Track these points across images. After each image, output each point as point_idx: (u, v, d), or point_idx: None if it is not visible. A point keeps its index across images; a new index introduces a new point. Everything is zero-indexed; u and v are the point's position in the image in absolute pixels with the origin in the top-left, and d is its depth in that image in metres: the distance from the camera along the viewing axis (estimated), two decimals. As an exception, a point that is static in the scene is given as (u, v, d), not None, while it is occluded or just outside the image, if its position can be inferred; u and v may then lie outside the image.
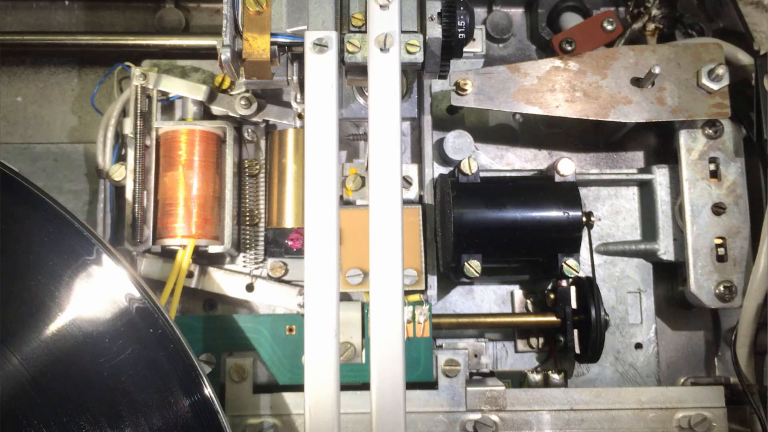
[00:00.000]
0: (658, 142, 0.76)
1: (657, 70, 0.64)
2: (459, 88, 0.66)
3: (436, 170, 0.71)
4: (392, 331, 0.52)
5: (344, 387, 0.56)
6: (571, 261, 0.65)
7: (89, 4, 0.78)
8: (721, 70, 0.65)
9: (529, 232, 0.65)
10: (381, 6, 0.55)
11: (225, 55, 0.54)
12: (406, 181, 0.69)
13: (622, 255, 0.73)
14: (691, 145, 0.68)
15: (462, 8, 0.57)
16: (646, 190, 0.72)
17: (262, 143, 0.71)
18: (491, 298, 0.73)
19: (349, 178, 0.69)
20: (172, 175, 0.66)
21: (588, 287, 0.66)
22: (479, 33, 0.75)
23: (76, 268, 0.51)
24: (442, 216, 0.67)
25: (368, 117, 0.55)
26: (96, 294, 0.51)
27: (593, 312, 0.64)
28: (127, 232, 0.66)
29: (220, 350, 0.66)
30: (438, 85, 0.74)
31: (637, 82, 0.67)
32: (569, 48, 0.72)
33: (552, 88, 0.67)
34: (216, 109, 0.70)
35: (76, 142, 0.74)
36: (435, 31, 0.56)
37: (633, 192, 0.74)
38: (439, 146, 0.72)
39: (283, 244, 0.67)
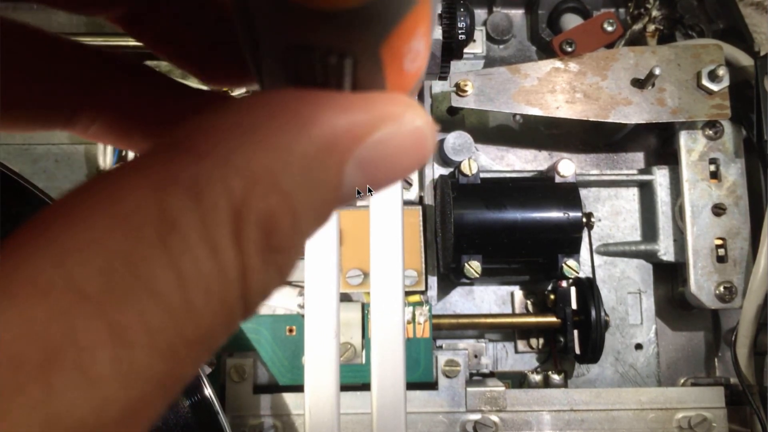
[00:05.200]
0: (658, 143, 0.76)
1: (657, 72, 0.64)
2: (459, 89, 0.67)
3: (436, 171, 0.71)
4: (393, 331, 0.52)
5: (344, 387, 0.57)
6: (571, 262, 0.65)
7: (90, 5, 0.78)
8: (722, 71, 0.65)
9: (530, 233, 0.65)
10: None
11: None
12: (407, 182, 0.69)
13: (623, 256, 0.73)
14: (691, 146, 0.68)
15: (462, 9, 0.57)
16: (647, 191, 0.72)
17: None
18: (491, 298, 0.73)
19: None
20: (173, 176, 0.66)
21: (588, 288, 0.66)
22: (479, 34, 0.75)
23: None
24: (442, 217, 0.67)
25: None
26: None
27: (593, 313, 0.64)
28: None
29: (220, 351, 0.66)
30: (438, 86, 0.74)
31: (637, 83, 0.67)
32: (569, 49, 0.72)
33: (552, 89, 0.67)
34: (216, 110, 0.70)
35: (77, 143, 0.74)
36: (435, 32, 0.57)
37: (633, 193, 0.74)
38: (439, 147, 0.72)
39: (283, 245, 0.67)
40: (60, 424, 0.11)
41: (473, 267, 0.64)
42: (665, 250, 0.70)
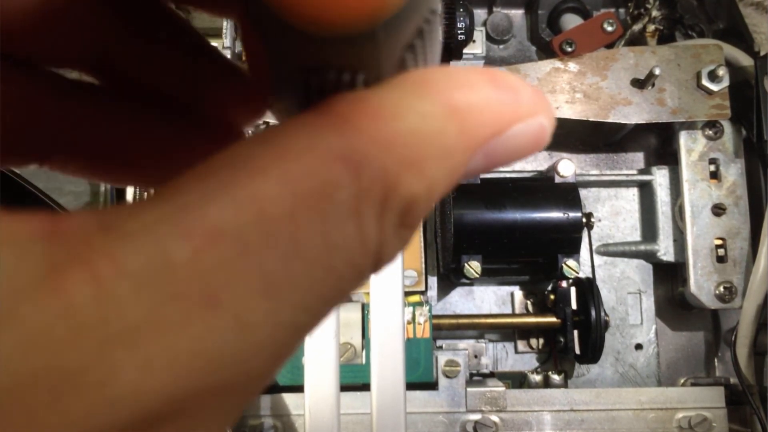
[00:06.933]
0: (658, 143, 0.76)
1: (657, 72, 0.64)
2: (459, 90, 0.66)
3: (436, 171, 0.71)
4: (392, 331, 0.52)
5: (344, 388, 0.57)
6: (571, 262, 0.65)
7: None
8: (721, 72, 0.65)
9: (529, 233, 0.65)
10: (381, 7, 0.55)
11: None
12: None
13: (622, 256, 0.73)
14: (691, 146, 0.68)
15: (461, 10, 0.57)
16: (646, 191, 0.72)
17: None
18: (491, 298, 0.73)
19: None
20: (173, 176, 0.67)
21: (588, 288, 0.66)
22: (479, 34, 0.75)
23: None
24: (442, 217, 0.67)
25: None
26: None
27: (593, 313, 0.64)
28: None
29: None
30: (438, 86, 0.74)
31: (637, 83, 0.67)
32: (569, 49, 0.72)
33: (552, 89, 0.67)
34: (216, 111, 0.70)
35: (77, 144, 0.74)
36: (435, 32, 0.57)
37: (633, 193, 0.74)
38: (439, 147, 0.71)
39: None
40: (215, 360, 0.12)
41: (473, 267, 0.64)
42: (665, 250, 0.70)
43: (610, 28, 0.73)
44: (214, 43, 0.72)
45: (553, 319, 0.68)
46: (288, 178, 0.13)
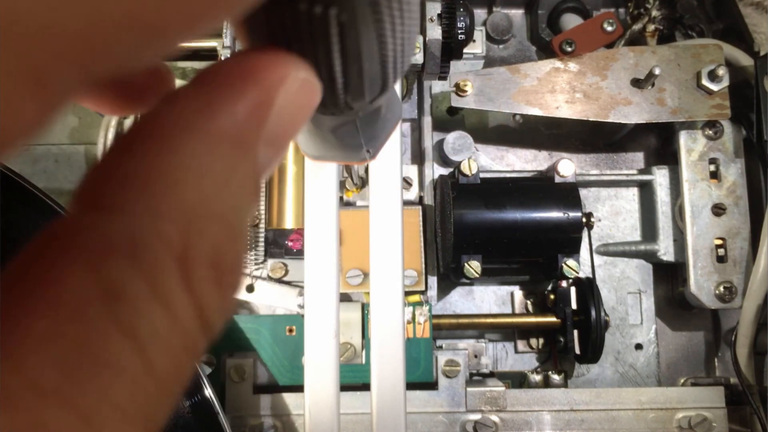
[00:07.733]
0: (658, 143, 0.76)
1: (657, 71, 0.64)
2: (459, 90, 0.66)
3: (436, 171, 0.71)
4: (393, 331, 0.52)
5: (344, 387, 0.57)
6: (571, 262, 0.65)
7: (90, 6, 0.78)
8: (721, 71, 0.65)
9: (529, 233, 0.65)
10: (381, 7, 0.55)
11: (225, 56, 0.54)
12: (406, 182, 0.69)
13: (622, 256, 0.73)
14: (691, 146, 0.68)
15: (462, 9, 0.57)
16: (646, 191, 0.72)
17: (263, 144, 0.71)
18: (491, 298, 0.73)
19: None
20: (173, 176, 0.67)
21: (588, 288, 0.66)
22: (479, 34, 0.75)
23: (76, 268, 0.51)
24: (442, 217, 0.67)
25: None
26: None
27: (593, 313, 0.64)
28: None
29: (221, 351, 0.66)
30: (438, 86, 0.74)
31: (637, 83, 0.67)
32: (569, 49, 0.72)
33: (552, 89, 0.67)
34: (216, 110, 0.70)
35: (77, 143, 0.74)
36: (435, 32, 0.57)
37: (633, 193, 0.74)
38: (439, 147, 0.72)
39: (283, 245, 0.67)
40: None
41: (473, 267, 0.64)
42: (665, 250, 0.70)
43: (610, 28, 0.73)
44: (214, 42, 0.72)
45: (553, 319, 0.68)
46: (59, 303, 0.12)
